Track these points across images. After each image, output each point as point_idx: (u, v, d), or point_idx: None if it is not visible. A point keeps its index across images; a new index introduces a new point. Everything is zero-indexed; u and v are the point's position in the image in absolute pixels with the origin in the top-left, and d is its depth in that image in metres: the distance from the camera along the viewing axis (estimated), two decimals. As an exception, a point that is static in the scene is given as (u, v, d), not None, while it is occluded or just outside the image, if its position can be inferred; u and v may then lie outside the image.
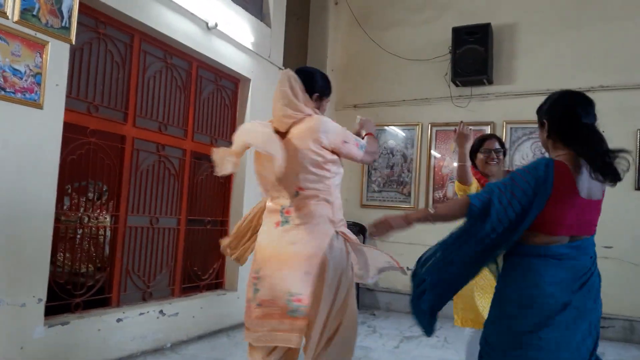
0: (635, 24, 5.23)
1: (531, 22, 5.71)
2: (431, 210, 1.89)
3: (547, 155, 1.96)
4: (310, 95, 2.31)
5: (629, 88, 5.22)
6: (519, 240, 1.79)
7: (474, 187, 2.89)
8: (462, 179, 2.84)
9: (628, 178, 5.14)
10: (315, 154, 2.17)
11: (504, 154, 3.02)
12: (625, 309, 5.04)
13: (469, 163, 2.87)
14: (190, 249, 4.43)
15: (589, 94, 5.87)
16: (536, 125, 6.33)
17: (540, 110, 1.97)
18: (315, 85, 2.33)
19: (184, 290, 4.37)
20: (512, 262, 1.83)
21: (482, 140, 2.99)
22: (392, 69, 6.37)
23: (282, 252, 2.18)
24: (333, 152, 2.23)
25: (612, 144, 5.93)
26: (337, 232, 2.25)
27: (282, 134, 2.23)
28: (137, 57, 3.87)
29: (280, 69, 5.28)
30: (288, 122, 2.23)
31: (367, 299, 6.14)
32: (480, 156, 2.97)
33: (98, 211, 3.82)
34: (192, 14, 4.13)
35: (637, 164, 5.12)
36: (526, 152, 5.58)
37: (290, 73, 2.29)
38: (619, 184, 6.14)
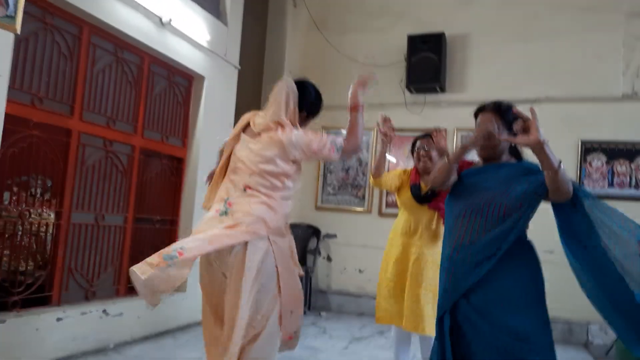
0: (580, 39, 5.47)
1: (483, 34, 5.90)
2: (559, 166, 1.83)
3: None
4: (299, 111, 2.34)
5: (573, 100, 5.45)
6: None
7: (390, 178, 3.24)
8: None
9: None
10: (275, 165, 2.19)
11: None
12: (565, 312, 5.24)
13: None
14: (137, 248, 4.33)
15: (535, 105, 6.12)
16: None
17: (513, 117, 1.98)
18: (307, 103, 2.39)
19: (130, 290, 4.26)
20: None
21: (416, 139, 3.27)
22: (349, 74, 6.37)
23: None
24: (295, 161, 2.26)
25: (557, 154, 6.18)
26: (268, 238, 2.18)
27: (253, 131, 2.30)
28: (86, 50, 3.77)
29: (235, 67, 5.26)
30: (266, 128, 2.26)
31: (319, 300, 6.16)
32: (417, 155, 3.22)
33: (41, 207, 3.69)
34: (145, 8, 4.06)
35: (578, 174, 5.35)
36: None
37: (291, 86, 2.34)
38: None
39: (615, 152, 5.26)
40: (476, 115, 2.10)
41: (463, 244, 1.96)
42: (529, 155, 2.06)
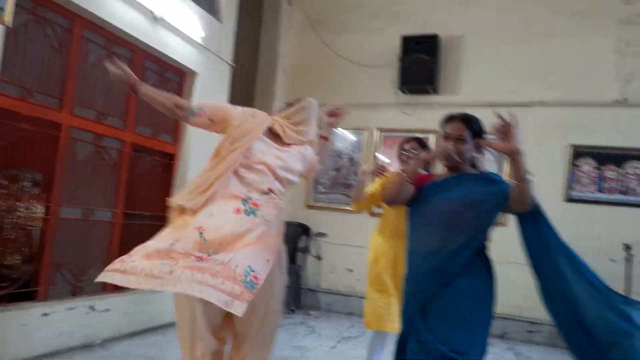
0: (576, 43, 5.50)
1: (477, 36, 5.91)
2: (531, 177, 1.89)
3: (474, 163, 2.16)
4: None
5: (565, 105, 5.48)
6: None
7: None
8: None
9: (559, 190, 5.42)
10: (296, 177, 2.41)
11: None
12: (552, 315, 5.28)
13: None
14: (126, 243, 4.29)
15: (528, 108, 6.13)
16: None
17: (480, 129, 2.08)
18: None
19: (117, 286, 4.21)
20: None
21: (402, 143, 3.20)
22: (343, 73, 6.43)
23: (245, 235, 2.13)
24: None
25: (546, 158, 6.19)
26: None
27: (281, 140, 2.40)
28: (77, 43, 3.74)
29: (229, 64, 5.24)
30: (298, 142, 2.42)
31: (309, 299, 6.16)
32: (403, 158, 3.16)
33: (29, 201, 3.66)
34: (138, 2, 4.03)
35: (568, 178, 5.38)
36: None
37: (319, 109, 2.53)
38: (550, 196, 6.43)
39: (605, 157, 5.30)
40: (444, 124, 2.11)
41: (423, 255, 2.00)
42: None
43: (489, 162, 5.71)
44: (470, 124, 2.06)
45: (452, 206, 1.98)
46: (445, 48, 5.96)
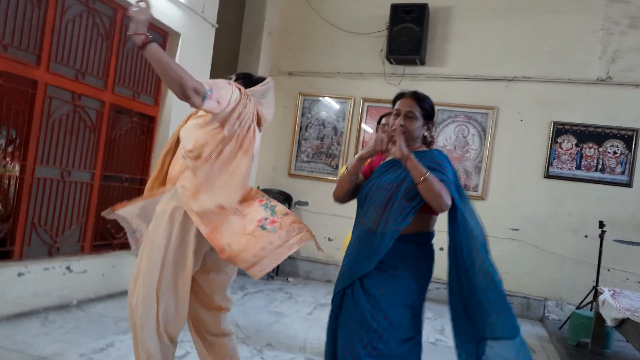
0: (560, 19, 5.48)
1: (466, 7, 5.84)
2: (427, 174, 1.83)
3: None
4: None
5: (549, 81, 5.50)
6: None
7: None
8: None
9: (538, 166, 5.49)
10: None
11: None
12: (524, 287, 5.42)
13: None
14: (104, 205, 4.25)
15: (512, 83, 6.11)
16: (462, 109, 6.53)
17: (430, 110, 2.06)
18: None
19: (95, 248, 4.22)
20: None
21: (381, 116, 2.94)
22: (329, 40, 6.33)
23: None
24: None
25: (528, 134, 6.23)
26: None
27: None
28: (55, -3, 3.60)
29: (213, 25, 5.11)
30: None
31: (287, 266, 6.21)
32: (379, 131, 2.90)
33: (4, 159, 3.58)
34: (119, -43, 3.88)
35: (548, 154, 5.44)
36: (449, 134, 5.78)
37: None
38: (530, 172, 6.51)
39: (585, 135, 5.35)
40: (394, 101, 2.08)
41: (360, 234, 1.99)
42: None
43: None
44: (421, 101, 2.03)
45: (388, 186, 1.96)
46: (434, 18, 5.88)
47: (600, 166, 5.30)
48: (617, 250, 5.01)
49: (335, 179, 6.22)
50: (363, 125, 6.18)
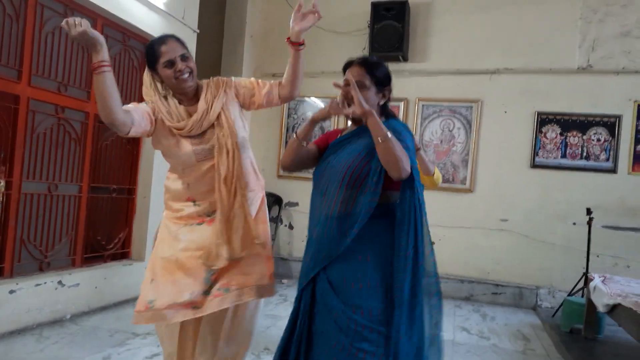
0: (539, 9, 5.53)
1: (446, 2, 5.88)
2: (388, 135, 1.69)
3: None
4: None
5: (531, 72, 5.55)
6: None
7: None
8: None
9: (524, 156, 5.54)
10: None
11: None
12: (516, 277, 5.48)
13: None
14: (93, 217, 4.23)
15: (495, 76, 6.15)
16: (446, 104, 6.54)
17: (383, 76, 1.90)
18: None
19: (86, 261, 4.19)
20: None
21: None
22: (312, 40, 6.28)
23: None
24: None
25: (513, 124, 6.29)
26: None
27: None
28: (33, 11, 3.55)
29: (194, 31, 5.09)
30: None
31: (281, 268, 6.21)
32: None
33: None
34: (96, -33, 3.85)
35: (533, 144, 5.50)
36: (435, 129, 5.81)
37: None
38: (516, 163, 6.58)
39: (569, 123, 5.42)
40: (344, 70, 1.93)
41: (322, 218, 1.83)
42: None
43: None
44: (371, 68, 1.87)
45: (351, 161, 1.79)
46: (415, 15, 5.91)
47: (585, 154, 5.37)
48: (605, 236, 5.09)
49: (324, 178, 6.22)
50: (349, 123, 6.18)
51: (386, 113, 1.95)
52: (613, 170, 5.29)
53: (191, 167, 2.13)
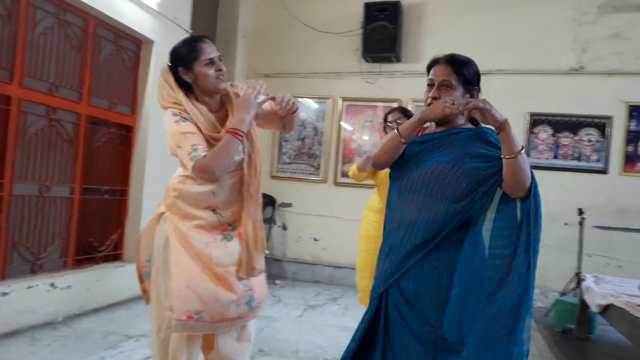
0: (531, 11, 5.57)
1: (438, 3, 5.90)
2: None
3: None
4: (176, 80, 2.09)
5: (523, 73, 5.58)
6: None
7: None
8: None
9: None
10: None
11: None
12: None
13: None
14: (85, 219, 4.20)
15: (488, 77, 6.20)
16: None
17: (472, 75, 1.77)
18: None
19: (79, 262, 4.16)
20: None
21: (387, 113, 3.07)
22: (305, 40, 6.33)
23: None
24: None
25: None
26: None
27: None
28: (25, 11, 3.52)
29: (187, 32, 5.07)
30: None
31: (274, 268, 6.20)
32: (387, 130, 3.03)
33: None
34: (89, -33, 3.82)
35: (525, 145, 5.53)
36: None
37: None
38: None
39: (560, 124, 5.46)
40: (429, 69, 1.81)
41: (402, 223, 1.73)
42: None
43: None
44: (458, 66, 1.74)
45: (437, 169, 1.67)
46: (407, 16, 5.93)
47: (576, 154, 5.41)
48: (596, 236, 5.12)
49: (317, 178, 6.23)
50: (342, 124, 6.20)
51: (474, 120, 1.80)
52: (604, 171, 5.33)
53: (223, 175, 2.05)
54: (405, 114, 3.01)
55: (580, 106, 5.42)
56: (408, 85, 5.87)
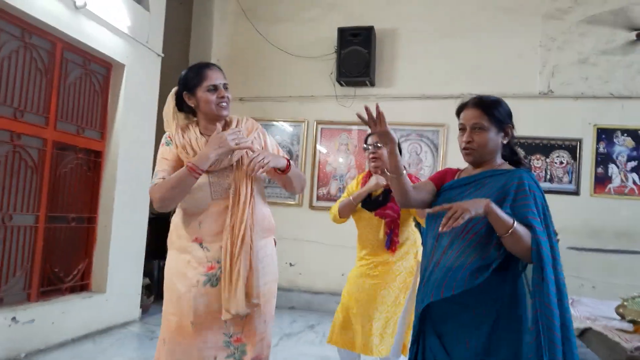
0: (502, 37, 5.68)
1: (411, 29, 5.97)
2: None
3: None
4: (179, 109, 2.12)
5: (495, 96, 5.65)
6: None
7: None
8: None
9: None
10: None
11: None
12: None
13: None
14: (51, 248, 4.03)
15: (460, 101, 6.25)
16: (413, 128, 6.56)
17: (503, 114, 1.76)
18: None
19: (43, 295, 3.96)
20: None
21: (367, 136, 2.86)
22: (280, 64, 6.32)
23: None
24: None
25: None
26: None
27: None
28: (-12, 34, 3.41)
29: (158, 55, 5.00)
30: None
31: (249, 295, 6.05)
32: (365, 153, 2.87)
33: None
34: (56, -11, 3.74)
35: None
36: (403, 152, 5.84)
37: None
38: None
39: (532, 147, 5.53)
40: (458, 114, 1.82)
41: (431, 268, 1.71)
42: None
43: (424, 154, 5.79)
44: (489, 107, 1.73)
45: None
46: (381, 41, 5.98)
47: (548, 176, 5.48)
48: (570, 258, 5.16)
49: (293, 202, 6.16)
50: (318, 147, 6.16)
51: (511, 156, 1.81)
52: (576, 193, 5.40)
53: (205, 203, 1.97)
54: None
55: (551, 129, 5.51)
56: (383, 108, 5.81)
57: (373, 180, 2.66)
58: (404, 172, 1.78)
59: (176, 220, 2.06)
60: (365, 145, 2.83)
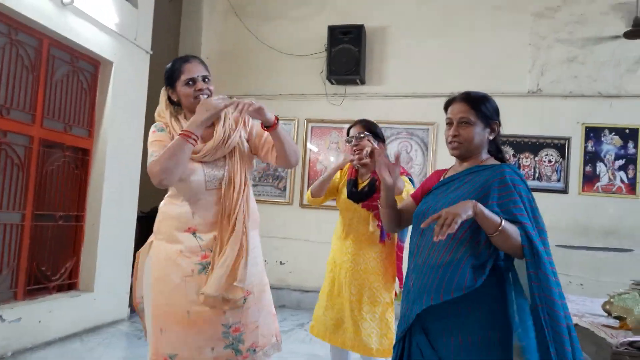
0: (491, 35, 5.70)
1: (401, 27, 5.98)
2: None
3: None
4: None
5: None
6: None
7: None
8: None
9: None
10: None
11: (382, 141, 2.77)
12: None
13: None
14: (37, 246, 3.99)
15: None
16: (403, 126, 6.57)
17: (490, 110, 1.78)
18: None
19: (30, 293, 3.93)
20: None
21: (349, 127, 2.81)
22: (270, 62, 6.31)
23: None
24: None
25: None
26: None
27: None
28: (-27, 30, 3.38)
29: (147, 52, 4.97)
30: None
31: (239, 294, 6.04)
32: (348, 146, 2.80)
33: None
34: (43, -15, 3.70)
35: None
36: (393, 151, 5.84)
37: None
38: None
39: (521, 145, 5.56)
40: (446, 108, 1.82)
41: (418, 266, 1.70)
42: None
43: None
44: (476, 103, 1.75)
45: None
46: (371, 39, 5.98)
47: (537, 175, 5.50)
48: (558, 255, 5.18)
49: (283, 201, 6.15)
50: (308, 145, 6.16)
51: (497, 153, 1.82)
52: (564, 191, 5.43)
53: (200, 193, 1.98)
54: (368, 127, 2.74)
55: (540, 127, 5.54)
56: (373, 107, 5.88)
57: (341, 157, 2.64)
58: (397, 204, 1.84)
59: (165, 210, 2.05)
60: (347, 138, 2.78)
